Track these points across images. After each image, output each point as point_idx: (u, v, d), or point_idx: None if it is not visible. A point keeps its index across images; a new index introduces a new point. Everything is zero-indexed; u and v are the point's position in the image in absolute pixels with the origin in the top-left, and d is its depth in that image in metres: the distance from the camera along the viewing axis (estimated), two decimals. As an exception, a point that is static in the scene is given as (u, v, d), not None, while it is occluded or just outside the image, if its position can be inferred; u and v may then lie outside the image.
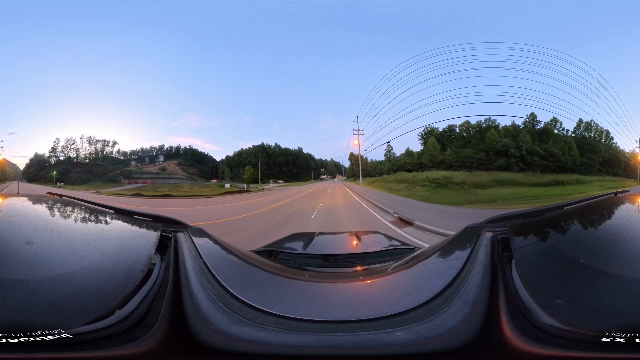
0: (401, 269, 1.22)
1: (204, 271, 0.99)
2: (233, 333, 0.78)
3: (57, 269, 0.77)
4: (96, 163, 36.32)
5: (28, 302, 0.67)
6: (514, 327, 0.77)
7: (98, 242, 0.96)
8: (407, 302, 0.87)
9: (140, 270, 0.85)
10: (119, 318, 0.74)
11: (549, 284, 0.80)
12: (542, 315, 0.74)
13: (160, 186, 34.74)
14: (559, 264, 0.86)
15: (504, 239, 1.02)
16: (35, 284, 0.70)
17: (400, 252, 1.73)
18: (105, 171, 36.32)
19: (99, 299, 0.73)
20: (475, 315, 0.80)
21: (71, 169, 34.97)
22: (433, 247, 1.37)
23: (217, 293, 0.91)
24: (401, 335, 0.77)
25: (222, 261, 1.18)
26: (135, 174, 37.50)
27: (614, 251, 0.89)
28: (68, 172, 34.79)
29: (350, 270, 1.50)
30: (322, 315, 0.86)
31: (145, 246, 0.97)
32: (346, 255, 1.70)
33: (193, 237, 1.20)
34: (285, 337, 0.78)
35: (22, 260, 0.77)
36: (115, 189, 33.52)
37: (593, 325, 0.69)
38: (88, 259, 0.84)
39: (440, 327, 0.78)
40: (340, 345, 0.77)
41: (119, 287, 0.77)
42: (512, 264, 0.91)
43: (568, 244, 0.97)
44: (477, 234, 1.12)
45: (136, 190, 31.98)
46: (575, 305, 0.74)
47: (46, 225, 1.00)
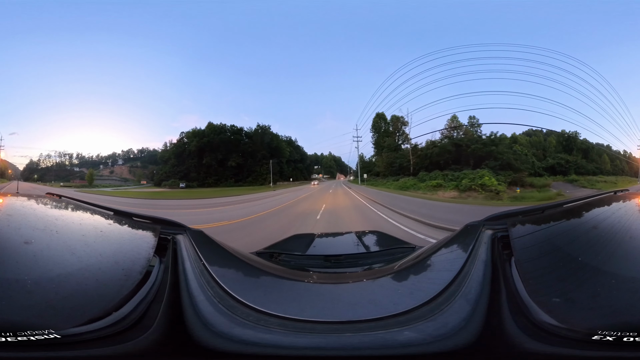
0: (403, 268, 1.22)
1: (204, 273, 0.99)
2: (235, 335, 0.78)
3: (55, 270, 0.76)
4: (63, 169, 53.87)
5: (24, 302, 0.66)
6: (515, 326, 0.77)
7: (97, 243, 0.95)
8: (411, 301, 0.87)
9: (139, 272, 0.84)
10: (115, 319, 0.74)
11: (548, 282, 0.81)
12: (540, 313, 0.74)
13: (80, 186, 46.21)
14: (558, 262, 0.86)
15: (504, 237, 1.02)
16: (32, 284, 0.70)
17: (401, 251, 1.73)
18: (67, 175, 53.20)
19: (96, 300, 0.73)
20: (478, 313, 0.80)
21: (47, 173, 53.20)
22: (434, 246, 1.37)
23: (218, 295, 0.90)
24: (410, 334, 0.77)
25: (222, 263, 1.17)
26: (75, 177, 52.67)
27: (613, 250, 0.89)
28: (44, 176, 52.28)
29: (352, 270, 1.50)
30: (327, 316, 0.86)
31: (144, 248, 0.97)
32: (347, 255, 1.70)
33: (192, 239, 1.19)
34: (293, 339, 0.78)
35: (20, 259, 0.76)
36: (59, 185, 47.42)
37: (589, 323, 0.69)
38: (86, 260, 0.84)
39: (446, 325, 0.78)
40: (353, 345, 0.76)
41: (116, 288, 0.77)
42: (512, 262, 0.91)
43: (567, 242, 0.98)
44: (477, 231, 1.12)
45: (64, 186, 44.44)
46: (573, 304, 0.74)
47: (45, 225, 1.00)
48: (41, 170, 53.34)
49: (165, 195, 30.46)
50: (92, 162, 56.81)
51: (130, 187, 47.30)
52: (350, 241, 2.31)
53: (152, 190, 39.80)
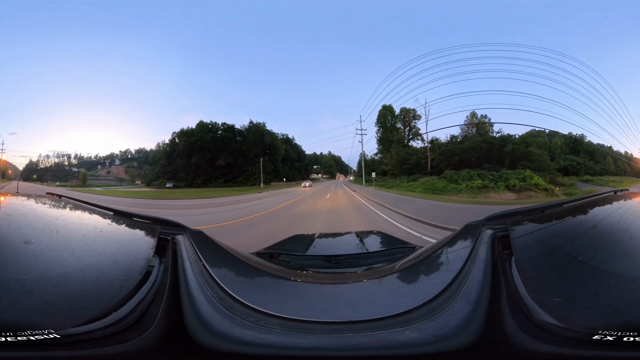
0: (403, 268, 1.22)
1: (204, 274, 0.98)
2: (235, 335, 0.78)
3: (54, 269, 0.76)
4: (61, 169, 55.04)
5: (23, 302, 0.66)
6: (515, 326, 0.77)
7: (96, 244, 0.95)
8: (411, 301, 0.87)
9: (138, 272, 0.84)
10: (114, 319, 0.73)
11: (548, 281, 0.81)
12: (541, 313, 0.74)
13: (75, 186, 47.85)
14: (558, 262, 0.87)
15: (504, 237, 1.02)
16: (32, 284, 0.70)
17: (402, 251, 1.73)
18: (65, 175, 54.12)
19: (95, 301, 0.73)
20: (478, 313, 0.80)
21: (45, 173, 53.79)
22: (434, 246, 1.37)
23: (217, 296, 0.90)
24: (410, 334, 0.77)
25: (222, 264, 1.17)
26: (73, 177, 53.72)
27: (613, 249, 0.89)
28: (43, 176, 52.83)
29: (352, 270, 1.50)
30: (327, 317, 0.86)
31: (144, 248, 0.97)
32: (348, 255, 1.70)
33: (192, 240, 1.19)
34: (294, 339, 0.78)
35: (19, 259, 0.76)
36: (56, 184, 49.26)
37: (589, 323, 0.69)
38: (86, 260, 0.84)
39: (446, 325, 0.78)
40: (354, 346, 0.76)
41: (116, 288, 0.77)
42: (512, 262, 0.91)
43: (567, 242, 0.98)
44: (477, 231, 1.12)
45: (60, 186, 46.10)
46: (573, 303, 0.74)
47: (45, 225, 1.00)
48: (40, 171, 54.36)
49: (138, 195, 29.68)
50: (91, 163, 57.47)
51: (120, 187, 48.18)
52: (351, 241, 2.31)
53: (137, 190, 39.84)
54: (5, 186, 35.44)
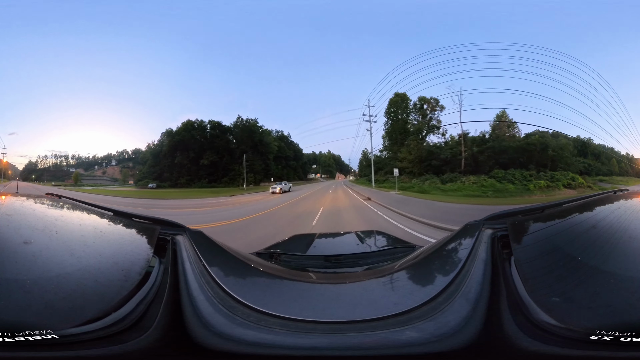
0: (403, 268, 1.22)
1: (204, 274, 0.98)
2: (236, 335, 0.78)
3: (54, 270, 0.76)
4: (59, 169, 56.97)
5: (22, 302, 0.66)
6: (514, 325, 0.77)
7: (96, 244, 0.95)
8: (411, 301, 0.87)
9: (138, 272, 0.84)
10: (114, 320, 0.73)
11: (547, 281, 0.81)
12: (540, 312, 0.74)
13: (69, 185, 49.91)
14: (558, 262, 0.87)
15: (504, 236, 1.02)
16: (31, 284, 0.69)
17: (402, 250, 1.73)
18: (62, 175, 55.83)
19: (95, 301, 0.72)
20: (477, 312, 0.80)
21: (44, 173, 56.06)
22: (434, 245, 1.37)
23: (218, 296, 0.90)
24: (411, 333, 0.77)
25: (222, 264, 1.17)
26: (70, 177, 55.87)
27: (612, 249, 0.89)
28: (41, 176, 54.98)
29: (352, 270, 1.50)
30: (328, 316, 0.86)
31: (144, 248, 0.96)
32: (348, 255, 1.70)
33: (192, 240, 1.19)
34: (294, 339, 0.78)
35: (19, 259, 0.76)
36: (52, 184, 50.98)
37: (588, 322, 0.69)
38: (85, 260, 0.84)
39: (446, 325, 0.78)
40: (355, 345, 0.77)
41: (115, 289, 0.77)
42: (512, 261, 0.91)
43: (566, 242, 0.98)
44: (477, 231, 1.12)
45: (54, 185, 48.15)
46: (572, 303, 0.74)
47: (44, 225, 0.99)
48: (39, 171, 56.35)
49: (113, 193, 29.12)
50: (89, 163, 59.00)
51: (107, 187, 49.60)
52: (351, 241, 2.31)
53: (118, 189, 40.48)
54: (5, 186, 36.08)
